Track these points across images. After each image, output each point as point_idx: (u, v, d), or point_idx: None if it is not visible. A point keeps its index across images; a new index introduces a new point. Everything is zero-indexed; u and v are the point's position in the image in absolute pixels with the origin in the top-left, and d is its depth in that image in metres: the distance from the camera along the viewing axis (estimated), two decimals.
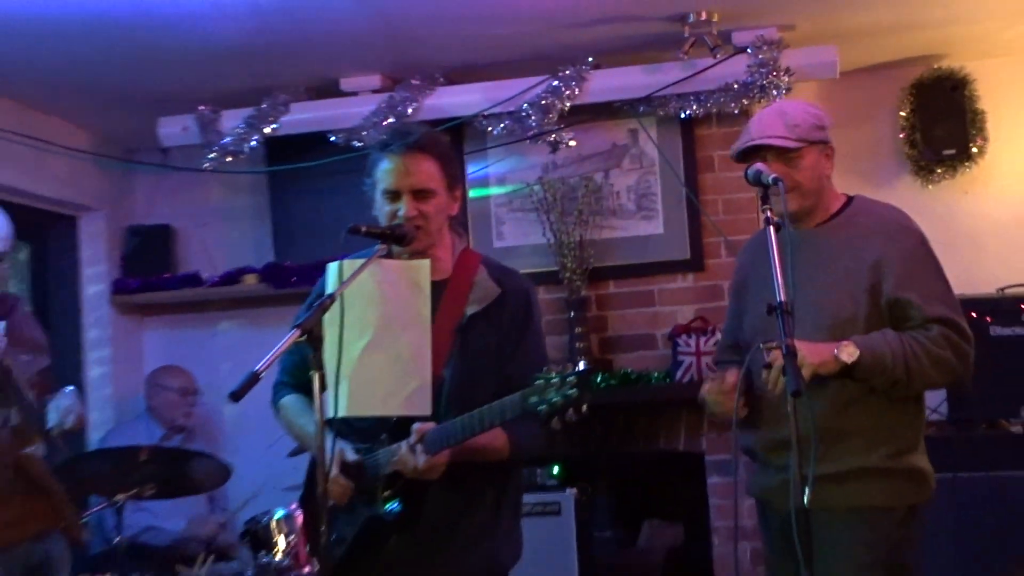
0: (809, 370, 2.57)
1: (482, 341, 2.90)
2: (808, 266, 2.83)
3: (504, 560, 2.97)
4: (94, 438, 5.49)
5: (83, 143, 5.64)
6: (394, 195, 2.86)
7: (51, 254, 5.80)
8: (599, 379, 4.94)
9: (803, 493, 2.47)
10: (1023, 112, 5.26)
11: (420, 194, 2.86)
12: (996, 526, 4.07)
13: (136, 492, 4.20)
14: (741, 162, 3.01)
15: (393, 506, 2.81)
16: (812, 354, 2.60)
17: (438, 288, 2.87)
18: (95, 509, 4.32)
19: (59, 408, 3.53)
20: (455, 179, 2.97)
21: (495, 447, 2.81)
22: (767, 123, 2.96)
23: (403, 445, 2.73)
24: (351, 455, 2.84)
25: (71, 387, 3.67)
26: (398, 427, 2.81)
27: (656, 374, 5.05)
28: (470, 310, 2.90)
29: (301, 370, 2.74)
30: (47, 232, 5.75)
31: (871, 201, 3.05)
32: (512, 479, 3.00)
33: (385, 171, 2.88)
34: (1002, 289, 4.76)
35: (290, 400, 3.03)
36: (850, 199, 3.02)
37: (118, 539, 4.16)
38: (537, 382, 2.54)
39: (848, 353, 2.62)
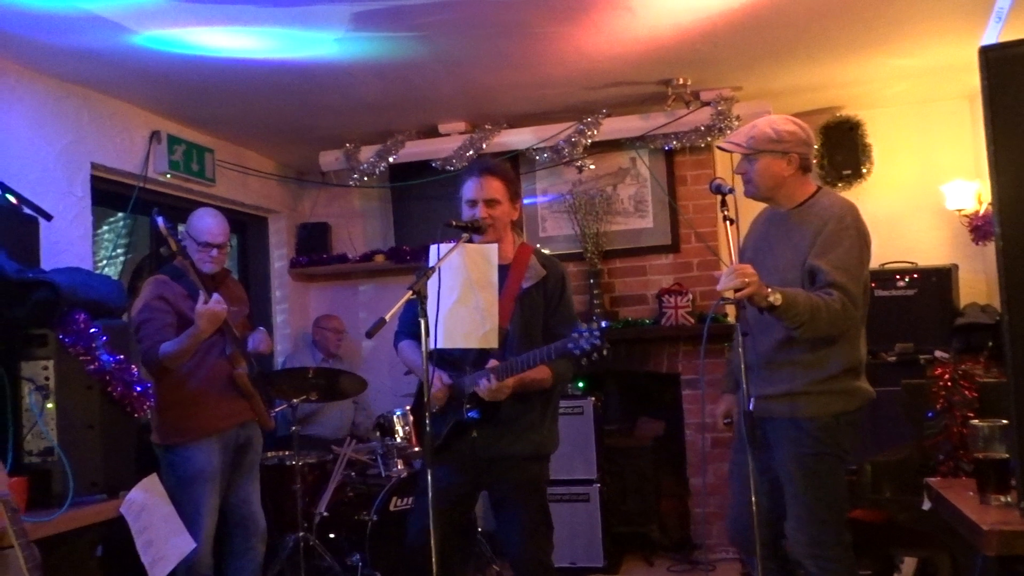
0: (748, 291, 2.45)
1: (533, 305, 2.93)
2: (775, 240, 2.77)
3: (547, 448, 2.99)
4: (278, 361, 5.56)
5: (271, 168, 5.68)
6: (472, 202, 2.88)
7: (251, 242, 5.85)
8: (611, 324, 4.95)
9: (749, 402, 2.44)
10: (897, 145, 5.13)
11: (490, 203, 2.87)
12: (874, 423, 4.00)
13: (305, 397, 4.25)
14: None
15: (472, 412, 2.84)
16: (757, 286, 2.48)
17: (504, 269, 2.89)
18: (279, 408, 4.37)
19: (255, 341, 3.58)
20: (516, 194, 2.98)
21: (543, 379, 2.85)
22: (737, 133, 2.83)
23: (480, 378, 2.75)
24: (447, 379, 2.87)
25: (262, 328, 3.72)
26: (477, 361, 2.83)
27: (647, 320, 5.03)
28: (525, 284, 2.92)
29: (413, 323, 2.76)
30: (248, 228, 5.80)
31: (829, 194, 2.82)
32: (553, 396, 3.02)
33: (468, 186, 2.90)
34: (882, 264, 4.68)
35: (405, 343, 3.06)
36: (817, 190, 2.80)
37: (294, 428, 4.21)
38: (574, 334, 2.58)
39: (775, 298, 2.48)
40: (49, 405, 2.69)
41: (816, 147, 5.12)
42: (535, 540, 2.91)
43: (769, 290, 2.49)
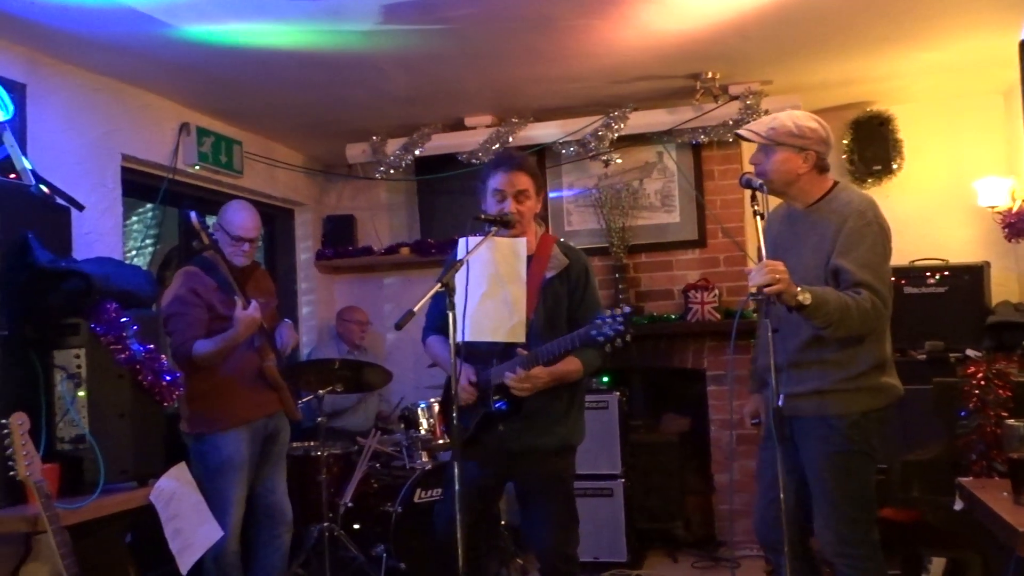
0: (778, 288, 2.40)
1: (557, 295, 2.91)
2: (793, 239, 2.72)
3: (574, 439, 2.98)
4: (303, 353, 5.59)
5: (298, 161, 5.71)
6: (502, 196, 2.86)
7: (277, 234, 5.87)
8: (635, 319, 4.91)
9: (778, 399, 2.41)
10: (928, 140, 5.06)
11: (519, 196, 2.86)
12: (904, 423, 3.95)
13: (331, 388, 4.27)
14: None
15: (500, 404, 2.84)
16: (787, 284, 2.43)
17: (528, 260, 2.86)
18: (305, 399, 4.40)
19: (282, 334, 3.59)
20: (541, 187, 2.98)
21: (573, 371, 2.83)
22: (758, 123, 2.77)
23: (507, 369, 2.74)
24: (473, 377, 2.88)
25: (288, 320, 3.73)
26: (504, 353, 2.83)
27: (673, 316, 5.01)
28: (548, 274, 2.91)
29: (441, 317, 2.76)
30: (275, 220, 5.82)
31: (847, 188, 2.75)
32: (580, 387, 3.00)
33: (496, 179, 2.88)
34: (912, 261, 4.62)
35: (433, 338, 3.06)
36: (834, 185, 2.74)
37: (320, 419, 4.23)
38: (596, 320, 2.55)
39: (804, 297, 2.44)
40: (81, 393, 2.72)
41: (846, 142, 5.11)
42: (562, 533, 2.91)
43: (798, 289, 2.46)
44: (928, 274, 4.51)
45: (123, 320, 2.79)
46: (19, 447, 2.34)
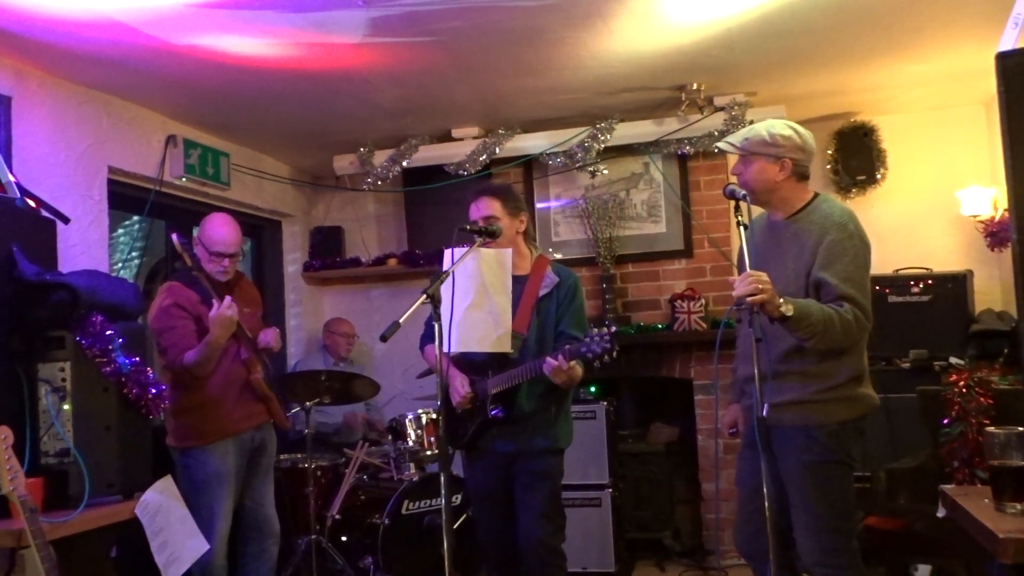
0: (761, 298, 2.41)
1: (548, 310, 3.05)
2: (774, 249, 2.73)
3: (562, 442, 3.11)
4: (290, 364, 5.56)
5: (285, 173, 5.70)
6: (473, 223, 3.00)
7: (265, 246, 5.86)
8: (623, 329, 4.92)
9: (762, 408, 2.42)
10: (912, 150, 5.10)
11: (488, 221, 3.00)
12: (888, 431, 3.98)
13: (319, 400, 4.26)
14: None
15: (496, 412, 2.97)
16: (771, 295, 2.45)
17: (522, 280, 3.03)
18: (293, 411, 4.38)
19: (265, 335, 3.56)
20: (517, 208, 3.10)
21: (578, 375, 2.92)
22: (736, 134, 2.80)
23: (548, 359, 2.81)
24: (468, 385, 3.04)
25: (274, 327, 3.71)
26: (499, 364, 2.96)
27: (660, 325, 5.02)
28: (542, 292, 3.04)
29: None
30: (263, 232, 5.82)
31: (828, 200, 2.75)
32: (567, 397, 3.12)
33: (469, 213, 3.07)
34: (897, 270, 4.66)
35: (431, 346, 3.13)
36: (815, 196, 2.76)
37: (307, 431, 4.22)
38: (585, 338, 2.69)
39: (787, 308, 2.45)
40: (66, 406, 2.71)
41: (830, 152, 5.14)
42: (545, 524, 3.01)
43: (781, 300, 2.47)
44: (912, 283, 4.54)
45: (109, 333, 2.78)
46: (3, 461, 2.32)
